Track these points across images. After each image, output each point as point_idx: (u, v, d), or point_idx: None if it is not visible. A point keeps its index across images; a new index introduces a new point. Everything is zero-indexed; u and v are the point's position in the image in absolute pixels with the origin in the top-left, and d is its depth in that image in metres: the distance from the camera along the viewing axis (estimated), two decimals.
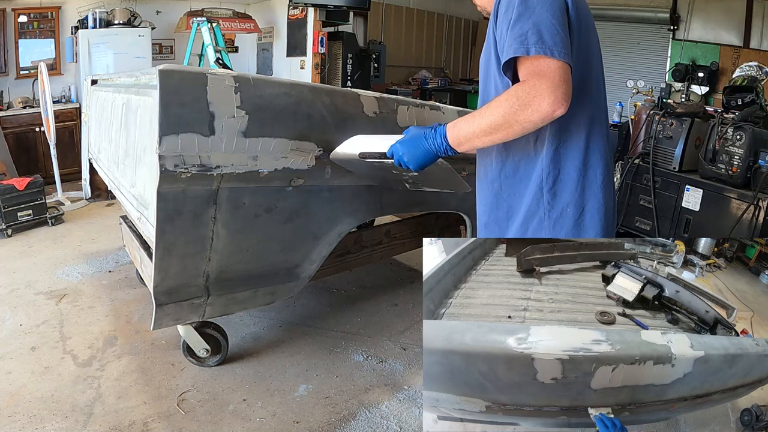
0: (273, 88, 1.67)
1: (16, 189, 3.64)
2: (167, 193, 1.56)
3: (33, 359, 2.15)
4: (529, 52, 1.03)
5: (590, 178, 1.19)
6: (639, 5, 5.61)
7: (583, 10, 1.15)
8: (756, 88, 3.74)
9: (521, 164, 1.22)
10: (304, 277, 2.02)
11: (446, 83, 7.52)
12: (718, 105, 4.37)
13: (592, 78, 1.19)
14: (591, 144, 1.19)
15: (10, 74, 5.09)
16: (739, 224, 2.98)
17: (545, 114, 1.02)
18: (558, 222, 1.19)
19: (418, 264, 3.29)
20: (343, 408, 1.93)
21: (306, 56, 5.75)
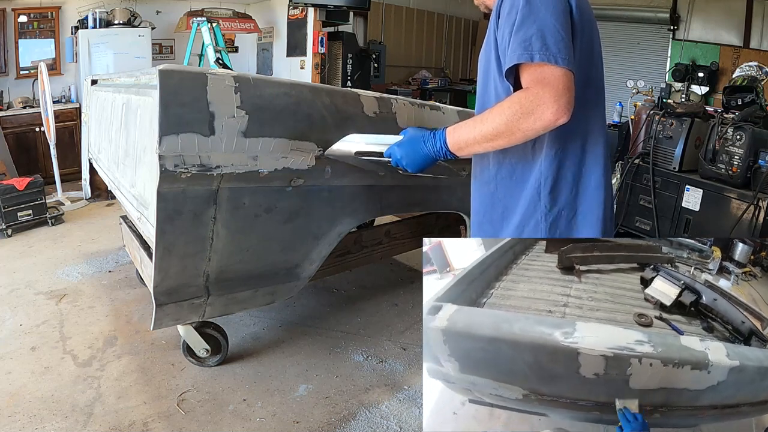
0: (273, 88, 1.67)
1: (16, 189, 3.64)
2: (167, 193, 1.56)
3: (33, 359, 2.15)
4: (533, 58, 1.01)
5: (585, 181, 1.20)
6: (639, 5, 5.61)
7: (586, 12, 1.14)
8: (756, 88, 3.74)
9: (518, 167, 1.22)
10: (304, 277, 2.02)
11: (446, 83, 7.52)
12: (718, 105, 4.37)
13: (592, 81, 1.19)
14: (589, 147, 1.19)
15: (10, 74, 5.08)
16: (739, 224, 2.98)
17: (548, 123, 1.02)
18: (554, 225, 1.20)
19: (418, 264, 3.29)
20: (343, 408, 1.93)
21: (306, 56, 5.75)
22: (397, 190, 2.16)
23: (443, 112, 2.26)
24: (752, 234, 2.91)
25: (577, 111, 1.12)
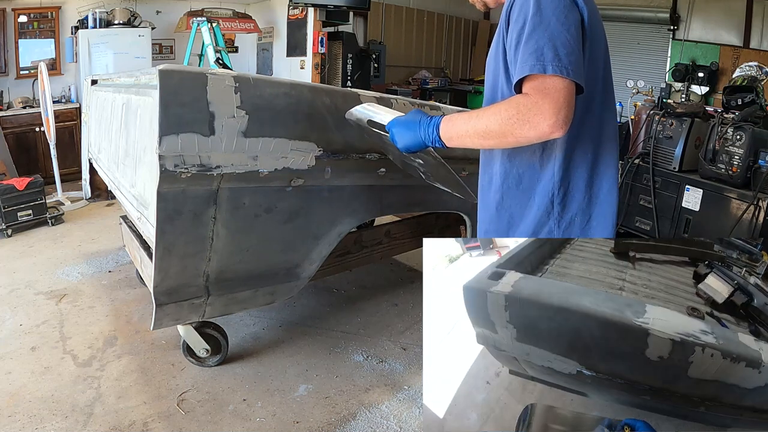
0: (273, 88, 1.67)
1: (16, 189, 3.64)
2: (167, 193, 1.56)
3: (33, 359, 2.15)
4: (545, 70, 0.99)
5: (597, 186, 1.19)
6: (639, 5, 5.61)
7: (596, 18, 1.13)
8: (756, 88, 3.74)
9: (525, 176, 1.21)
10: (304, 277, 2.02)
11: (446, 83, 7.52)
12: (718, 105, 4.37)
13: (604, 87, 1.18)
14: (601, 152, 1.19)
15: (10, 74, 5.08)
16: (739, 224, 2.98)
17: (542, 134, 1.01)
18: (567, 232, 1.20)
19: (418, 264, 3.29)
20: (343, 408, 1.93)
21: (306, 56, 5.75)
22: (397, 190, 2.16)
23: (443, 112, 2.26)
24: (752, 235, 2.91)
25: (587, 118, 1.12)
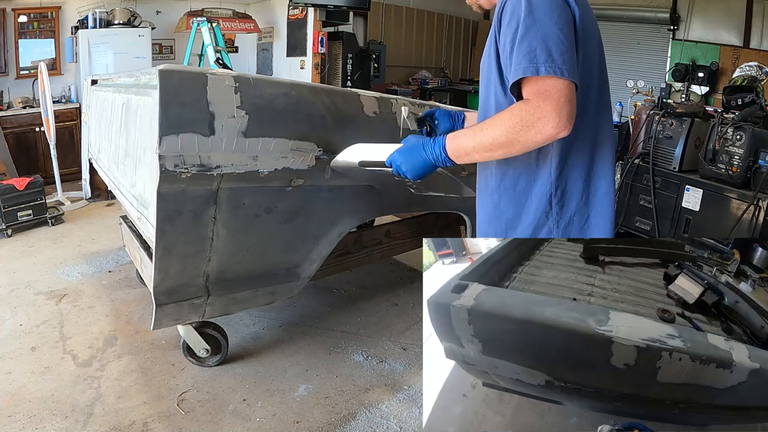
0: (273, 88, 1.67)
1: (16, 189, 3.64)
2: (167, 193, 1.56)
3: (33, 359, 2.15)
4: (539, 71, 1.00)
5: (595, 186, 1.19)
6: (639, 5, 5.61)
7: (589, 18, 1.13)
8: (756, 88, 3.74)
9: (522, 177, 1.21)
10: (304, 277, 2.02)
11: (446, 83, 7.52)
12: (718, 105, 4.37)
13: (599, 87, 1.18)
14: (597, 152, 1.19)
15: (10, 74, 5.08)
16: (739, 224, 2.98)
17: (548, 136, 1.01)
18: (565, 232, 1.20)
19: (418, 264, 3.29)
20: (343, 408, 1.93)
21: (306, 56, 5.75)
22: (397, 190, 2.16)
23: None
24: (752, 234, 2.91)
25: (586, 117, 1.12)
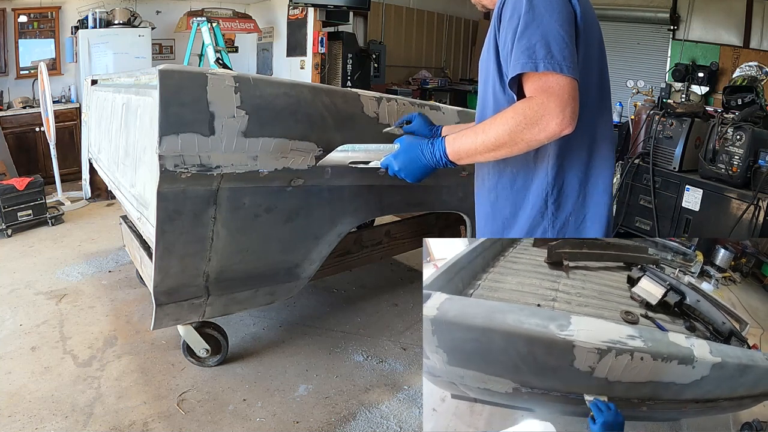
0: (273, 88, 1.67)
1: (16, 189, 3.64)
2: (167, 193, 1.56)
3: (33, 359, 2.15)
4: (537, 67, 0.99)
5: (592, 186, 1.19)
6: (639, 5, 5.61)
7: (590, 16, 1.13)
8: (756, 88, 3.75)
9: (519, 176, 1.20)
10: (304, 277, 2.02)
11: (446, 83, 7.52)
12: (718, 105, 4.37)
13: (599, 85, 1.17)
14: (596, 151, 1.18)
15: (10, 74, 5.08)
16: (739, 224, 2.98)
17: (553, 133, 1.00)
18: (561, 232, 1.19)
19: (418, 264, 3.29)
20: (343, 408, 1.93)
21: (306, 56, 5.75)
22: (397, 190, 2.16)
23: (443, 112, 2.26)
24: (752, 234, 2.91)
25: (585, 116, 1.11)
